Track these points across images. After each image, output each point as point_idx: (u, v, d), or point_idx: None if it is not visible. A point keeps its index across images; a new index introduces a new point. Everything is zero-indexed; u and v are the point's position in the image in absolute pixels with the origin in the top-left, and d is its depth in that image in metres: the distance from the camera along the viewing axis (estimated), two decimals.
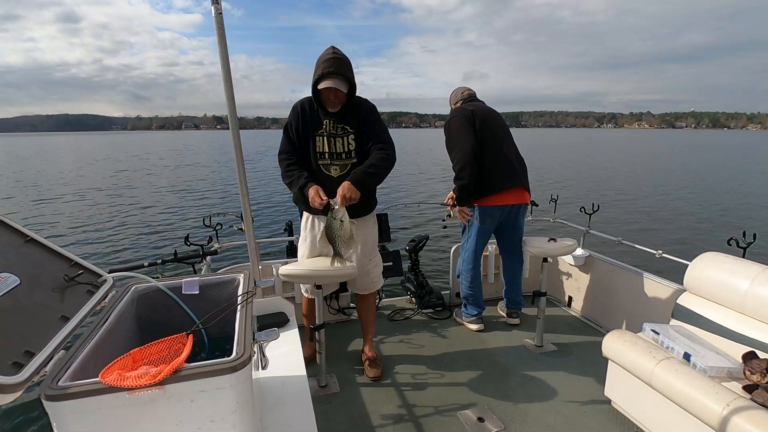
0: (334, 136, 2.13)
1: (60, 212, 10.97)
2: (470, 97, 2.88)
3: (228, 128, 1.31)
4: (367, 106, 2.19)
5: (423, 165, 23.62)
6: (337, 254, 2.03)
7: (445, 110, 3.10)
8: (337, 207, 1.93)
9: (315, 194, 2.00)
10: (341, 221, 1.94)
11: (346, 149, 2.14)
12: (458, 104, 2.89)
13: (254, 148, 44.57)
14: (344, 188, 1.96)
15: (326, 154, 2.14)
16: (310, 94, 2.13)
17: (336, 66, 2.00)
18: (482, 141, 2.68)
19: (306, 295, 2.43)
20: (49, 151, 45.98)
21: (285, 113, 2.39)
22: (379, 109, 2.28)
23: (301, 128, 2.15)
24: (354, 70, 2.09)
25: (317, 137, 2.14)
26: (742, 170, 21.90)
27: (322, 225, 2.18)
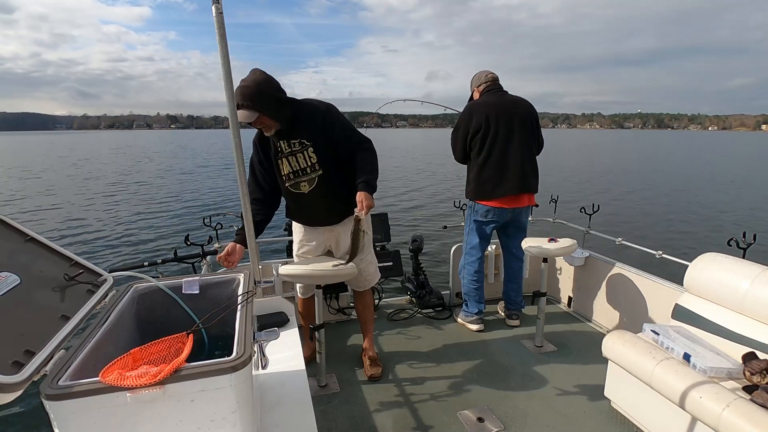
0: (294, 153, 2.09)
1: (60, 211, 10.96)
2: (493, 83, 2.78)
3: (184, 127, 1.29)
4: (320, 115, 2.07)
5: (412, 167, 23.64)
6: (348, 261, 2.07)
7: (408, 111, 3.08)
8: (362, 218, 1.93)
9: (225, 254, 1.99)
10: (364, 231, 1.98)
11: (309, 163, 2.09)
12: (481, 88, 2.81)
13: (216, 150, 41.91)
14: (366, 198, 1.94)
15: (291, 174, 2.12)
16: None
17: (239, 97, 1.86)
18: (483, 143, 2.66)
19: (301, 296, 2.44)
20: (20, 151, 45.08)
21: None
22: (344, 109, 2.18)
23: (264, 159, 2.16)
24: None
25: (279, 161, 2.12)
26: (741, 170, 21.91)
27: (310, 233, 2.27)
